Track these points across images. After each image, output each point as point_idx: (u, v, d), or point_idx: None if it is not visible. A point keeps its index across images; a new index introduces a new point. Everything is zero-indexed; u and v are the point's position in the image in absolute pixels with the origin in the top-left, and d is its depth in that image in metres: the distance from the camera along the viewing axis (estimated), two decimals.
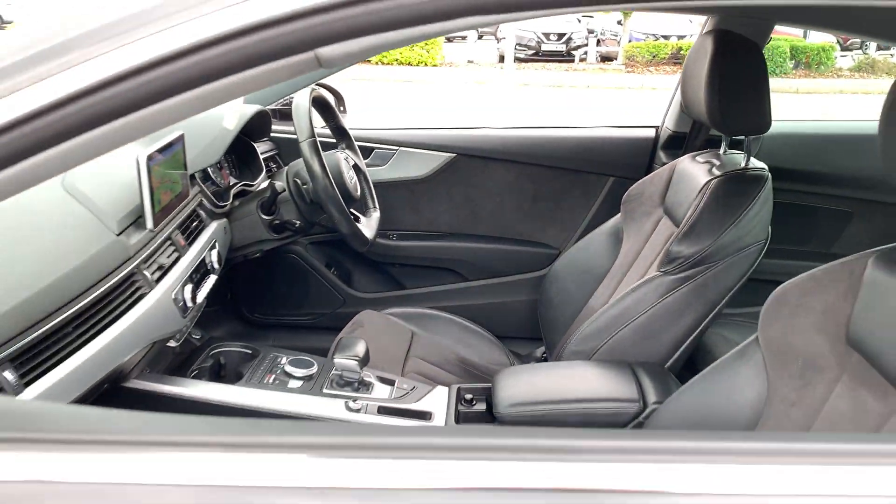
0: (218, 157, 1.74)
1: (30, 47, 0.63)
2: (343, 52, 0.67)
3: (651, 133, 2.33)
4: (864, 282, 1.07)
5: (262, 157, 2.07)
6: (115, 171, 1.38)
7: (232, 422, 0.66)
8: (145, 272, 1.30)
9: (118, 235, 1.26)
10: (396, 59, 16.35)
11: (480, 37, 23.05)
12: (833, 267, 1.14)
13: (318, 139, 1.71)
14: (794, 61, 16.54)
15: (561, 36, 18.85)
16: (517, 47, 18.18)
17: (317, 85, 2.10)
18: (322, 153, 1.71)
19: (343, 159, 1.85)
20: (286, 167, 1.92)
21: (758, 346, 1.21)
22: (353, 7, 0.63)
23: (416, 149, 2.34)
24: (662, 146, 2.28)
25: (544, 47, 18.75)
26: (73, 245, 1.17)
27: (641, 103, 10.86)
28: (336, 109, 2.01)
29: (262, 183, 1.98)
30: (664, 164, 2.08)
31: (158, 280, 1.34)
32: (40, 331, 1.03)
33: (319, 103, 1.91)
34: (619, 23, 20.17)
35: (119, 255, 1.25)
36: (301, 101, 1.73)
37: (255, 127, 2.01)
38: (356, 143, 2.09)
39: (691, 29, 18.04)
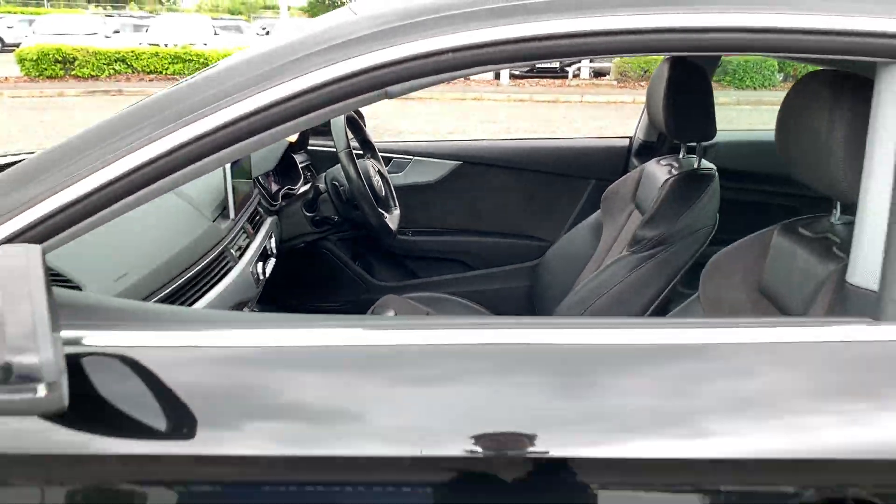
0: (273, 165, 2.15)
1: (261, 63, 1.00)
2: (405, 88, 1.07)
3: (626, 142, 2.76)
4: (771, 246, 1.48)
5: (299, 166, 2.48)
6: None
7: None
8: (231, 250, 1.71)
9: (212, 222, 1.67)
10: None
11: None
12: (751, 237, 1.56)
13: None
14: (782, 74, 17.00)
15: None
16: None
17: None
18: (356, 161, 2.12)
19: (371, 166, 2.26)
20: (324, 173, 2.33)
21: (698, 302, 1.62)
22: (413, 62, 1.04)
23: (428, 158, 2.76)
24: (635, 153, 2.70)
25: (538, 64, 19.15)
26: (185, 228, 1.57)
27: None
28: (363, 126, 2.42)
29: (302, 187, 2.39)
30: (636, 167, 2.50)
31: (240, 257, 1.74)
32: (172, 287, 1.43)
33: (351, 121, 2.32)
34: None
35: (214, 237, 1.65)
36: (338, 119, 2.14)
37: (297, 141, 2.42)
38: (378, 154, 2.50)
39: None
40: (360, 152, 2.47)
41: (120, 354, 0.91)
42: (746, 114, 11.20)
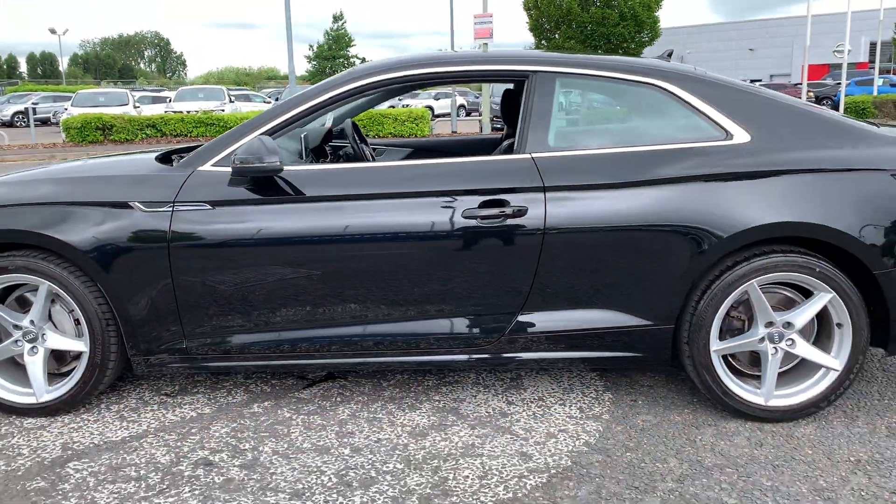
0: (318, 142, 4.26)
1: None
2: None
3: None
4: None
5: (326, 149, 4.59)
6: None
7: None
8: None
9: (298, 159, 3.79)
10: (391, 133, 19.24)
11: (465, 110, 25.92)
12: None
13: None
14: None
15: None
16: (493, 119, 21.13)
17: (351, 119, 4.64)
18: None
19: (365, 148, 4.38)
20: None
21: None
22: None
23: (394, 147, 4.88)
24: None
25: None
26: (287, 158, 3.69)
27: None
28: (359, 129, 4.56)
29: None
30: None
31: None
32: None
33: (355, 125, 4.44)
34: None
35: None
36: (347, 123, 4.26)
37: (325, 136, 4.55)
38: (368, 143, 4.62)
39: None
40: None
41: None
42: None
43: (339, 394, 3.21)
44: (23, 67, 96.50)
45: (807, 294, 2.85)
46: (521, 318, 2.89)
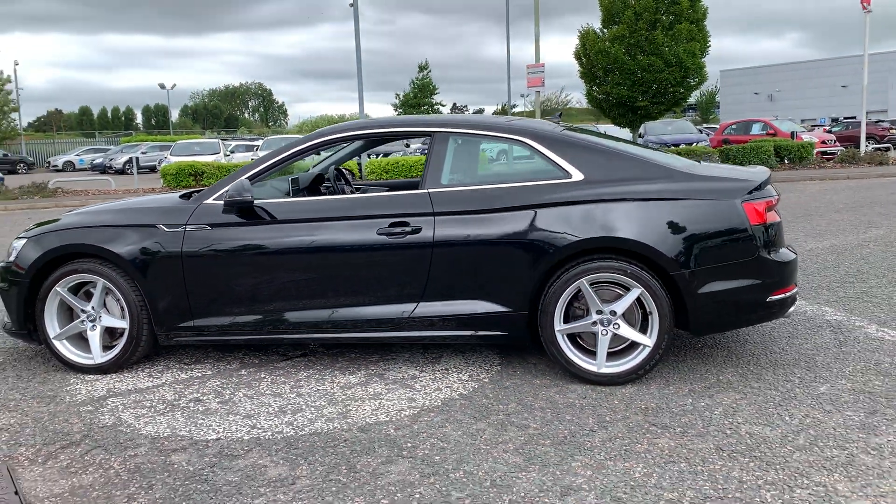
0: (308, 183, 5.55)
1: None
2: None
3: None
4: None
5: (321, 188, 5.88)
6: None
7: None
8: None
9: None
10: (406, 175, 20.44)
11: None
12: None
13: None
14: (778, 157, 19.75)
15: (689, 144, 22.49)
16: None
17: (336, 166, 5.91)
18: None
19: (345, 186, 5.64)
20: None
21: None
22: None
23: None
24: None
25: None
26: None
27: None
28: (342, 173, 5.83)
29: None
30: None
31: None
32: None
33: (339, 170, 5.70)
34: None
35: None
36: (330, 170, 5.52)
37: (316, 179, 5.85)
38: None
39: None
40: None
41: None
42: None
43: (305, 365, 4.43)
44: (139, 119, 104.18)
45: (627, 290, 3.89)
46: (421, 305, 4.04)
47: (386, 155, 22.15)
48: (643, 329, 3.90)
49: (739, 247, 3.84)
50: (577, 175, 3.98)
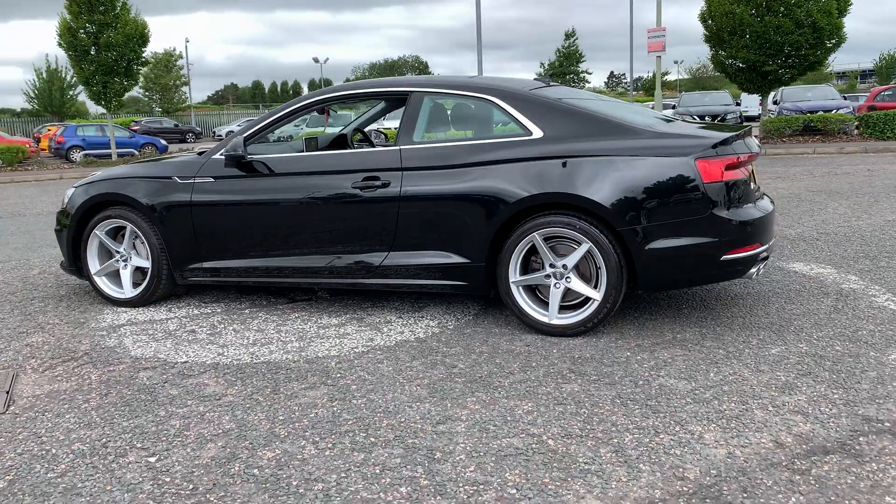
0: (328, 144, 5.94)
1: None
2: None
3: None
4: None
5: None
6: None
7: None
8: None
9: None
10: None
11: None
12: None
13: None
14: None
15: (715, 116, 21.70)
16: None
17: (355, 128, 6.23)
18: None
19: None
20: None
21: None
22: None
23: None
24: None
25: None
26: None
27: None
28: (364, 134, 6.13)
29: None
30: None
31: None
32: None
33: (358, 130, 6.03)
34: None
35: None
36: (348, 130, 5.87)
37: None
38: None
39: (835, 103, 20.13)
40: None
41: None
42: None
43: (303, 308, 4.85)
44: (305, 91, 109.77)
45: (580, 245, 3.98)
46: (391, 255, 4.32)
47: None
48: (597, 284, 3.97)
49: (691, 205, 3.81)
50: (537, 132, 4.08)
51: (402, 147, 4.31)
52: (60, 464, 2.76)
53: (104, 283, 5.06)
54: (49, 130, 32.33)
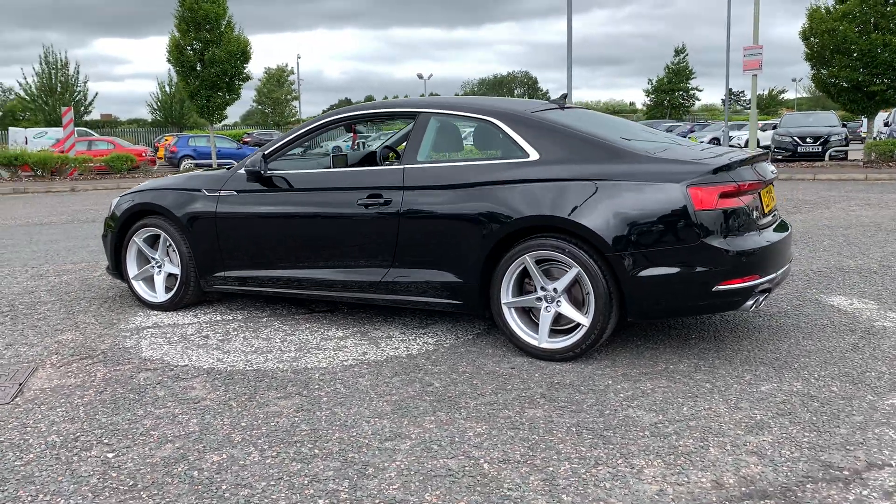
0: (357, 161, 6.08)
1: None
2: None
3: None
4: None
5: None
6: None
7: None
8: None
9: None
10: None
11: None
12: None
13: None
14: None
15: (817, 139, 20.71)
16: (775, 150, 20.63)
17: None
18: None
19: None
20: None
21: None
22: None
23: None
24: None
25: (800, 149, 20.80)
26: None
27: None
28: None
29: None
30: None
31: None
32: None
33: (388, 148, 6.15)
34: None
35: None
36: (380, 148, 6.00)
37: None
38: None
39: None
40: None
41: None
42: None
43: (316, 319, 5.00)
44: None
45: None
46: (392, 271, 4.41)
47: None
48: (587, 309, 3.92)
49: (681, 232, 3.71)
50: (533, 155, 4.08)
51: (406, 166, 4.39)
52: (30, 453, 2.99)
53: (140, 288, 5.39)
54: (166, 140, 34.41)
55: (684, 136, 34.09)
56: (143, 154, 26.79)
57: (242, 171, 4.94)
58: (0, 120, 53.80)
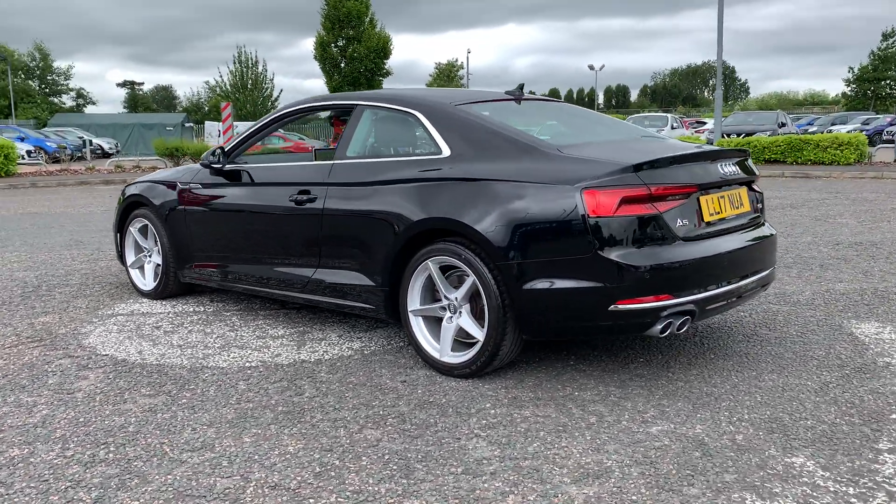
0: None
1: None
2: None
3: None
4: None
5: None
6: None
7: None
8: None
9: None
10: (810, 160, 18.21)
11: None
12: None
13: None
14: None
15: None
16: None
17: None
18: None
19: None
20: None
21: None
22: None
23: None
24: None
25: None
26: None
27: None
28: None
29: None
30: None
31: None
32: None
33: None
34: None
35: None
36: None
37: None
38: None
39: None
40: None
41: None
42: None
43: (280, 316, 4.94)
44: (600, 99, 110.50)
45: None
46: (318, 271, 4.23)
47: None
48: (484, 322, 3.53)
49: (573, 241, 3.22)
50: (445, 151, 3.74)
51: (334, 161, 4.20)
52: None
53: (136, 275, 5.61)
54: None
55: (880, 131, 29.32)
56: (296, 147, 28.24)
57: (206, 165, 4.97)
58: (207, 114, 59.37)
